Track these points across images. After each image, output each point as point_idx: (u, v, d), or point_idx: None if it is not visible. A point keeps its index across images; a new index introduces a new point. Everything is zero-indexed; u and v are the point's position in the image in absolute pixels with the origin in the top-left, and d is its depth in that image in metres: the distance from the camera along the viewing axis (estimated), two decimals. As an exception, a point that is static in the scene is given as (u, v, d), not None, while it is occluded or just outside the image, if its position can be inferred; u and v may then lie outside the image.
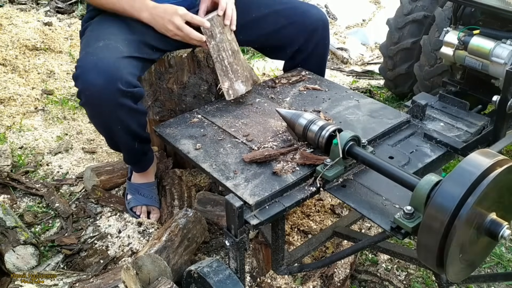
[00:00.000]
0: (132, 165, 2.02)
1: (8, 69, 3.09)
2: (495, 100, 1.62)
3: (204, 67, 1.98)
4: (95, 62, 1.56)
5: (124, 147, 1.83)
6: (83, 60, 1.59)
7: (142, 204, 2.00)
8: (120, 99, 1.58)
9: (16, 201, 2.11)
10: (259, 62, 3.47)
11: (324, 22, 1.96)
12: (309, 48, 1.97)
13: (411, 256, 1.50)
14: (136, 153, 1.88)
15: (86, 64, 1.57)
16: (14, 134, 2.55)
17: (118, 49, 1.62)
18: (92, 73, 1.54)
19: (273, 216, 1.29)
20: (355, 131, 1.41)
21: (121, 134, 1.71)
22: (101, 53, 1.59)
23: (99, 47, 1.61)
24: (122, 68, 1.58)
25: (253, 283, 1.73)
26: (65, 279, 1.62)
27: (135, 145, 1.79)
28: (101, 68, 1.54)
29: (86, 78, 1.55)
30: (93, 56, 1.58)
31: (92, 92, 1.56)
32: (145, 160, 1.96)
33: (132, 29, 1.75)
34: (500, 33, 1.78)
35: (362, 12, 4.42)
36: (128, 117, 1.65)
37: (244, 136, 1.58)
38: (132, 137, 1.75)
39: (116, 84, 1.55)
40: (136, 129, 1.71)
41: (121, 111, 1.61)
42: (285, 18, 1.93)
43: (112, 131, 1.71)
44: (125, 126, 1.67)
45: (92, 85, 1.54)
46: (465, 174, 1.03)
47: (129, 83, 1.59)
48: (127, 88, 1.58)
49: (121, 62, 1.59)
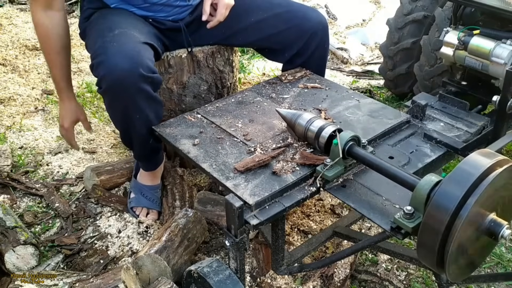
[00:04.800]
0: (143, 161, 1.97)
1: (8, 69, 3.09)
2: (495, 100, 1.62)
3: (203, 67, 1.98)
4: (117, 47, 1.56)
5: (138, 141, 1.78)
6: (103, 48, 1.58)
7: (143, 206, 2.00)
8: (142, 84, 1.57)
9: (16, 201, 2.11)
10: (259, 62, 3.47)
11: (324, 25, 1.95)
12: (309, 51, 1.96)
13: (411, 256, 1.50)
14: (149, 149, 1.85)
15: (109, 50, 1.56)
16: (14, 134, 2.55)
17: (134, 35, 1.63)
18: (116, 58, 1.54)
19: (273, 216, 1.29)
20: (355, 131, 1.41)
21: (138, 125, 1.68)
22: (120, 39, 1.59)
23: (116, 35, 1.61)
24: (142, 53, 1.58)
25: (253, 283, 1.73)
26: (65, 279, 1.62)
27: (149, 140, 1.76)
28: (125, 52, 1.54)
29: (110, 63, 1.54)
30: (113, 42, 1.58)
31: (116, 76, 1.54)
32: (156, 158, 1.94)
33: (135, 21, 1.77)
34: (500, 33, 1.77)
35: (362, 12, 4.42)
36: (147, 105, 1.63)
37: (244, 136, 1.58)
38: (148, 130, 1.71)
39: (138, 69, 1.54)
40: (153, 120, 1.69)
41: (141, 97, 1.60)
42: (284, 21, 1.92)
43: (130, 120, 1.67)
44: (143, 115, 1.65)
45: (117, 69, 1.53)
46: (465, 174, 1.03)
47: (149, 69, 1.59)
48: (148, 73, 1.57)
49: (141, 47, 1.60)
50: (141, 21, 1.81)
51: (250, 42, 1.99)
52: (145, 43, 1.65)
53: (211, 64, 1.99)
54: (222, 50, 2.01)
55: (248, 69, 3.34)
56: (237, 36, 1.95)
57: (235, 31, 1.94)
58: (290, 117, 1.51)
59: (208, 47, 1.98)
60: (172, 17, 1.88)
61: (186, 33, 1.87)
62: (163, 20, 1.87)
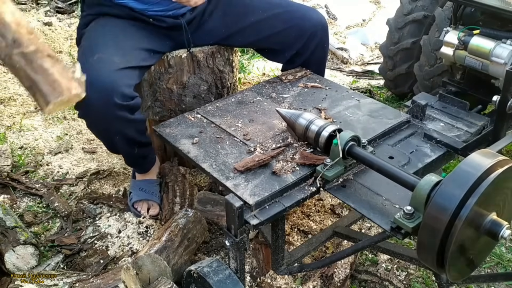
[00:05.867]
0: (133, 167, 2.05)
1: (8, 69, 3.09)
2: (495, 100, 1.62)
3: (203, 67, 1.98)
4: (92, 78, 1.55)
5: (124, 153, 1.87)
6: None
7: (142, 199, 2.01)
8: (117, 112, 1.59)
9: (16, 201, 2.11)
10: (259, 62, 3.47)
11: (324, 25, 1.95)
12: (308, 51, 1.96)
13: (411, 256, 1.50)
14: (136, 157, 1.90)
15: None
16: (14, 134, 2.55)
17: (112, 62, 1.63)
18: (89, 90, 1.54)
19: (273, 216, 1.29)
20: (355, 131, 1.41)
21: (120, 143, 1.74)
22: (95, 68, 1.59)
23: (94, 61, 1.62)
24: (118, 81, 1.59)
25: (253, 283, 1.73)
26: (65, 279, 1.62)
27: (134, 150, 1.82)
28: (96, 84, 1.54)
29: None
30: (87, 72, 1.58)
31: (90, 107, 1.58)
32: (146, 162, 1.99)
33: (128, 35, 1.75)
34: (500, 33, 1.77)
35: (362, 12, 4.41)
36: (126, 127, 1.68)
37: (243, 136, 1.58)
38: (131, 144, 1.78)
39: (113, 99, 1.56)
40: (135, 136, 1.74)
41: (118, 123, 1.64)
42: (284, 21, 1.92)
43: (110, 139, 1.74)
44: (123, 135, 1.70)
45: (90, 102, 1.53)
46: (466, 175, 1.03)
47: (125, 96, 1.60)
48: (124, 101, 1.60)
49: (117, 75, 1.60)
50: (134, 30, 1.78)
51: (250, 42, 1.99)
52: (125, 68, 1.64)
53: (211, 64, 1.99)
54: (222, 50, 2.01)
55: (248, 69, 3.34)
56: (236, 36, 1.95)
57: (235, 31, 1.93)
58: (290, 117, 1.51)
59: (208, 47, 1.98)
60: (172, 11, 1.87)
61: (187, 30, 1.87)
62: (163, 17, 1.86)
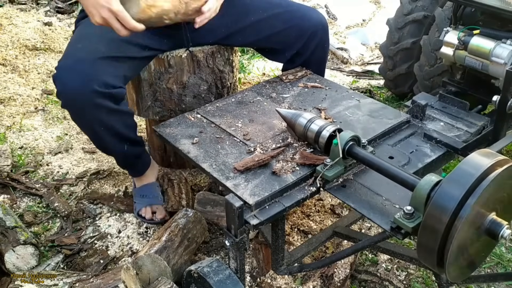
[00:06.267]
0: (126, 168, 2.00)
1: (8, 69, 3.09)
2: (495, 100, 1.62)
3: (203, 67, 1.97)
4: (71, 64, 1.57)
5: (113, 150, 1.81)
6: (61, 62, 1.60)
7: (146, 205, 1.99)
8: (97, 100, 1.57)
9: (16, 201, 2.11)
10: (259, 62, 3.47)
11: (324, 25, 1.95)
12: (308, 51, 1.96)
13: (411, 256, 1.50)
14: (128, 156, 1.86)
15: (63, 66, 1.58)
16: (14, 134, 2.55)
17: (96, 49, 1.61)
18: (68, 75, 1.55)
19: (273, 216, 1.29)
20: (355, 131, 1.41)
21: (106, 136, 1.70)
22: (77, 54, 1.59)
23: (77, 48, 1.62)
24: (98, 69, 1.58)
25: (253, 283, 1.73)
26: (65, 279, 1.62)
27: (124, 148, 1.78)
28: (76, 70, 1.55)
29: (62, 80, 1.56)
30: (69, 58, 1.59)
31: (68, 94, 1.57)
32: (139, 163, 1.95)
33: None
34: (500, 33, 1.77)
35: (362, 12, 4.42)
36: (110, 118, 1.64)
37: (243, 136, 1.58)
38: (119, 140, 1.73)
39: (92, 86, 1.54)
40: (122, 130, 1.70)
41: (100, 112, 1.61)
42: (284, 21, 1.92)
43: (96, 133, 1.69)
44: (108, 127, 1.66)
45: (68, 87, 1.55)
46: (465, 175, 1.03)
47: (107, 84, 1.58)
48: (105, 89, 1.57)
49: (99, 63, 1.59)
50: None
51: (250, 42, 1.99)
52: (109, 57, 1.62)
53: (211, 64, 1.99)
54: (222, 50, 2.01)
55: (248, 69, 3.34)
56: (236, 36, 1.95)
57: (235, 31, 1.93)
58: (290, 117, 1.51)
59: (208, 47, 1.98)
60: None
61: (186, 29, 1.86)
62: None
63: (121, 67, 1.67)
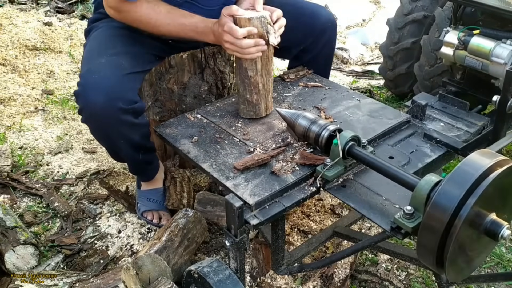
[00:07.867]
0: (138, 175, 2.00)
1: (8, 69, 3.09)
2: (495, 100, 1.62)
3: (204, 67, 1.98)
4: (97, 80, 1.53)
5: (128, 159, 1.82)
6: (85, 78, 1.57)
7: (152, 209, 1.99)
8: (121, 116, 1.56)
9: (16, 201, 2.11)
10: (259, 62, 3.47)
11: (333, 23, 1.95)
12: (317, 48, 1.95)
13: (411, 256, 1.50)
14: (141, 164, 1.86)
15: (88, 83, 1.55)
16: (14, 134, 2.55)
17: (121, 65, 1.60)
18: (93, 92, 1.52)
19: (273, 216, 1.29)
20: (355, 131, 1.41)
21: (125, 148, 1.70)
22: (103, 70, 1.56)
23: (101, 64, 1.58)
24: (124, 86, 1.56)
25: (253, 283, 1.73)
26: (65, 279, 1.62)
27: (139, 157, 1.78)
28: (103, 87, 1.52)
29: (87, 97, 1.53)
30: (95, 74, 1.55)
31: (93, 111, 1.54)
32: (150, 169, 1.95)
33: (137, 40, 1.72)
34: (500, 33, 1.77)
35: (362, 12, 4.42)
36: (131, 131, 1.64)
37: (243, 136, 1.58)
38: (136, 150, 1.73)
39: (118, 103, 1.53)
40: (139, 141, 1.70)
41: (122, 127, 1.60)
42: (293, 19, 1.91)
43: (115, 145, 1.69)
44: (127, 140, 1.66)
45: (93, 104, 1.52)
46: (465, 175, 1.03)
47: (130, 100, 1.57)
48: (128, 105, 1.56)
49: (124, 80, 1.57)
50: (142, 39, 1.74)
51: None
52: (131, 73, 1.61)
53: (212, 65, 1.99)
54: (223, 50, 2.01)
55: (248, 69, 3.34)
56: None
57: None
58: (290, 117, 1.51)
59: (209, 47, 1.98)
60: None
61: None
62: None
63: (139, 81, 1.68)
